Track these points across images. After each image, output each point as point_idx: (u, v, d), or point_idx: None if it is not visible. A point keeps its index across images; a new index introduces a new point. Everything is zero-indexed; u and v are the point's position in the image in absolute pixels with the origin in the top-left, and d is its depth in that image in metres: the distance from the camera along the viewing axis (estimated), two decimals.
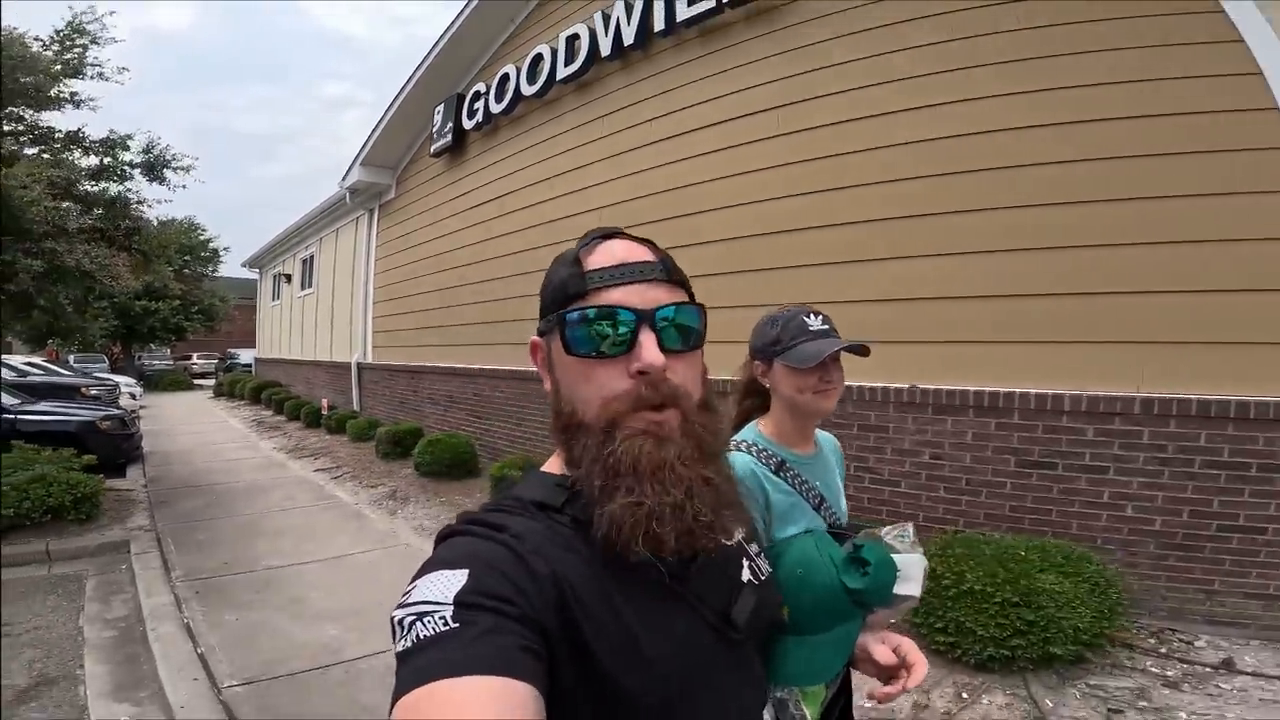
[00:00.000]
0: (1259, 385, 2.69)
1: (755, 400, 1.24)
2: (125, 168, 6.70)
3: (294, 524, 5.11)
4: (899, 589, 0.81)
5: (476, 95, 6.87)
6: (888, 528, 0.88)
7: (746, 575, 0.67)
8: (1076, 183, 3.08)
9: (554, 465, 0.64)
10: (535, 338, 0.64)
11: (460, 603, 0.47)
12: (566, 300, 0.58)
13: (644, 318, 0.57)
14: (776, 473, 1.13)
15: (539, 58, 5.96)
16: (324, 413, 9.56)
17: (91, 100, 6.31)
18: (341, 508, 5.61)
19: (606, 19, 5.23)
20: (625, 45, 5.10)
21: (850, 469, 3.38)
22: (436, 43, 7.20)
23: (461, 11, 6.80)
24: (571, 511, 0.57)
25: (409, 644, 0.46)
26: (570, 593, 0.52)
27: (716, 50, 4.58)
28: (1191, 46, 2.84)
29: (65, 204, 5.62)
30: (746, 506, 0.74)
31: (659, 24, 4.83)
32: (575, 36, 5.60)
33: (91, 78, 6.24)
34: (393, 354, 8.83)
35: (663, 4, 4.79)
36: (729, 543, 0.64)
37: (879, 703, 0.79)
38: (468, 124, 6.97)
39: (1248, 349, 2.73)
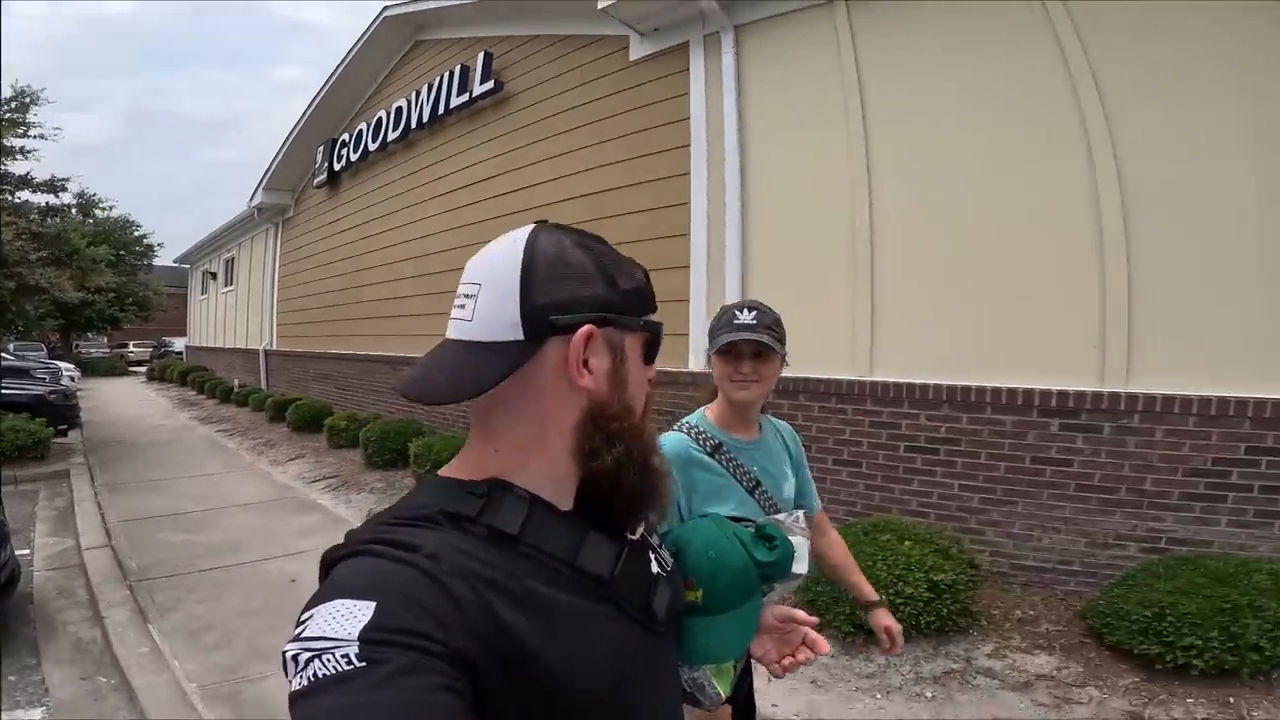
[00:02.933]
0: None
1: (711, 387, 1.39)
2: (66, 208, 9.05)
3: (184, 459, 7.50)
4: (794, 567, 0.93)
5: (343, 143, 9.24)
6: (782, 514, 1.08)
7: (655, 568, 0.67)
8: (650, 223, 5.55)
9: (460, 469, 0.60)
10: (594, 326, 0.57)
11: (367, 640, 0.43)
12: (645, 309, 0.62)
13: None
14: (712, 454, 1.28)
15: (380, 120, 8.35)
16: (234, 390, 11.88)
17: (35, 151, 8.64)
18: (224, 451, 8.02)
19: (418, 94, 7.63)
20: (425, 120, 7.50)
21: None
22: (316, 94, 9.51)
23: (333, 72, 9.13)
24: (487, 521, 0.54)
25: (305, 682, 0.42)
26: (501, 610, 0.49)
27: (473, 129, 7.02)
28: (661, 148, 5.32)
29: (30, 242, 7.99)
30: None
31: (444, 107, 7.24)
32: (400, 108, 8.00)
33: (34, 136, 8.55)
34: (291, 342, 11.18)
35: (445, 92, 7.17)
36: (633, 537, 0.65)
37: (783, 672, 0.83)
38: (337, 166, 9.32)
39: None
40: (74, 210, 9.10)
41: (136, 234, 23.29)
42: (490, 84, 6.62)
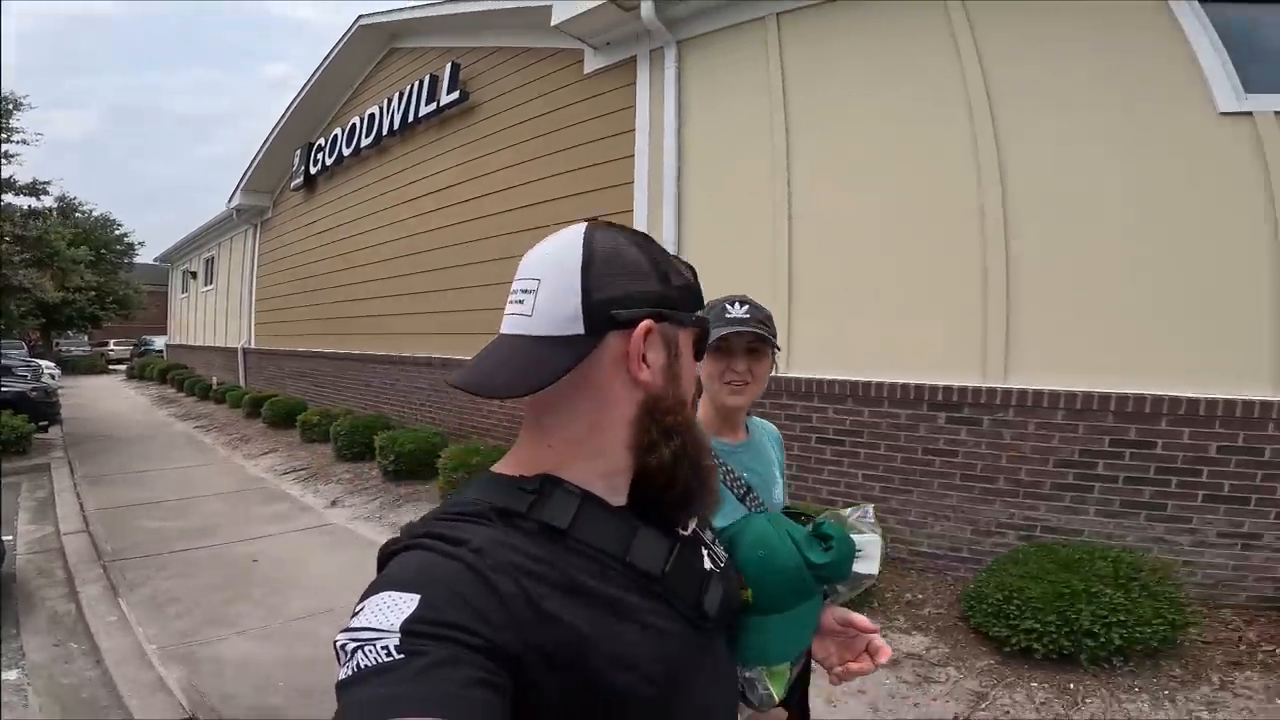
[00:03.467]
0: None
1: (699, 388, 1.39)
2: (48, 210, 9.33)
3: (161, 454, 7.79)
4: (858, 567, 0.86)
5: (319, 147, 9.54)
6: (849, 509, 0.96)
7: (708, 564, 0.67)
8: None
9: (511, 465, 0.61)
10: (653, 322, 0.58)
11: (408, 631, 0.44)
12: (694, 305, 0.64)
13: None
14: None
15: (354, 126, 8.67)
16: (213, 387, 12.15)
17: (17, 155, 8.93)
18: (200, 446, 8.31)
19: (389, 101, 7.96)
20: (396, 127, 7.84)
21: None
22: (294, 99, 9.81)
23: (310, 78, 9.44)
24: (538, 517, 0.55)
25: (349, 673, 0.44)
26: (547, 607, 0.50)
27: (440, 138, 7.36)
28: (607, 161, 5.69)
29: (13, 245, 8.30)
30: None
31: (414, 115, 7.56)
32: (373, 115, 8.33)
33: (16, 141, 8.84)
34: (269, 341, 11.47)
35: (414, 101, 7.50)
36: (685, 533, 0.65)
37: (840, 680, 0.81)
38: (313, 169, 9.63)
39: None
40: (54, 214, 9.33)
41: (117, 233, 23.48)
42: (456, 94, 6.96)
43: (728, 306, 1.23)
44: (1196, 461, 3.11)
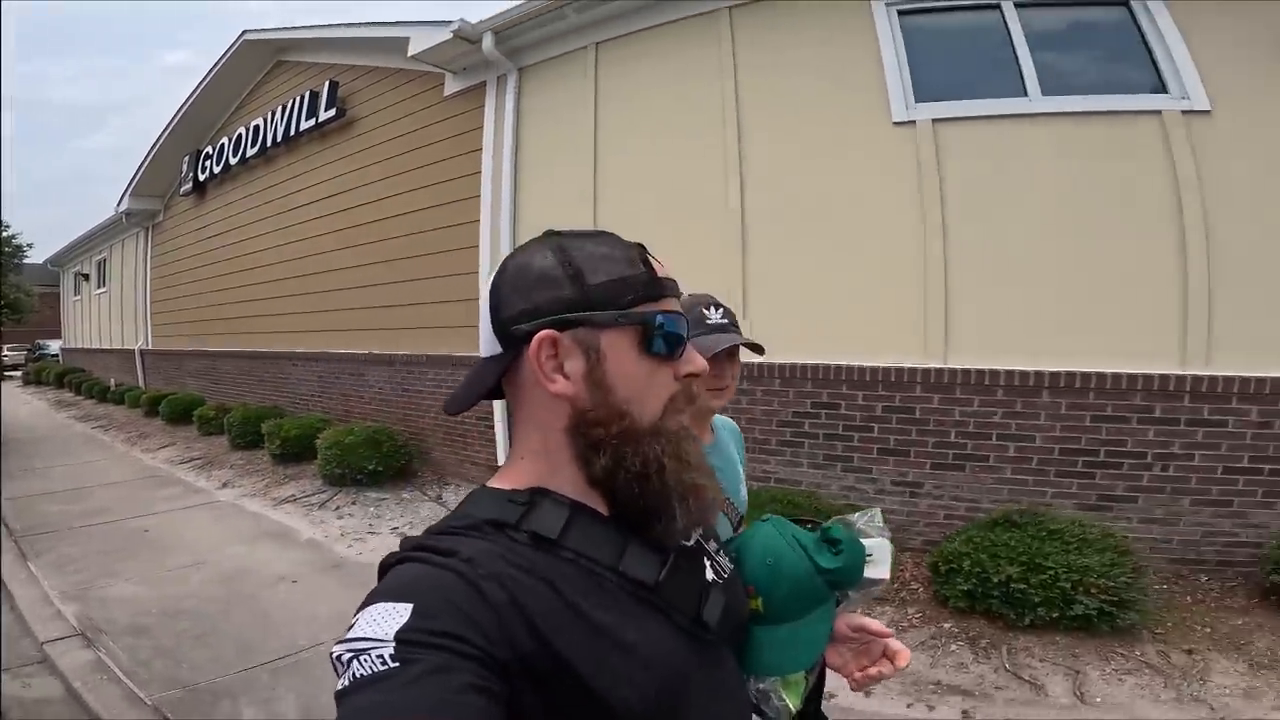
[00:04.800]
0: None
1: None
2: None
3: (61, 452, 8.27)
4: (869, 572, 0.84)
5: (207, 155, 10.02)
6: (857, 514, 0.94)
7: (710, 575, 0.68)
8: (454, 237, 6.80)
9: (506, 479, 0.62)
10: (551, 332, 0.58)
11: (402, 640, 0.46)
12: (635, 300, 0.59)
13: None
14: None
15: (240, 136, 9.24)
16: (111, 389, 12.40)
17: None
18: (100, 443, 8.81)
19: (273, 114, 8.58)
20: (280, 140, 8.49)
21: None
22: (180, 107, 10.20)
23: (196, 88, 9.88)
24: (528, 527, 0.56)
25: (346, 682, 0.45)
26: (537, 616, 0.51)
27: (321, 151, 8.08)
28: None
29: None
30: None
31: (295, 129, 8.23)
32: (258, 127, 8.93)
33: None
34: (166, 342, 11.83)
35: (296, 116, 8.17)
36: (688, 543, 0.66)
37: (859, 686, 0.81)
38: (203, 177, 10.09)
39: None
40: None
41: (5, 234, 22.56)
42: (333, 112, 7.69)
43: (705, 311, 1.25)
44: (869, 420, 4.12)
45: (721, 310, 1.27)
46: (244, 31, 9.06)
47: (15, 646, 3.33)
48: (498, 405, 5.69)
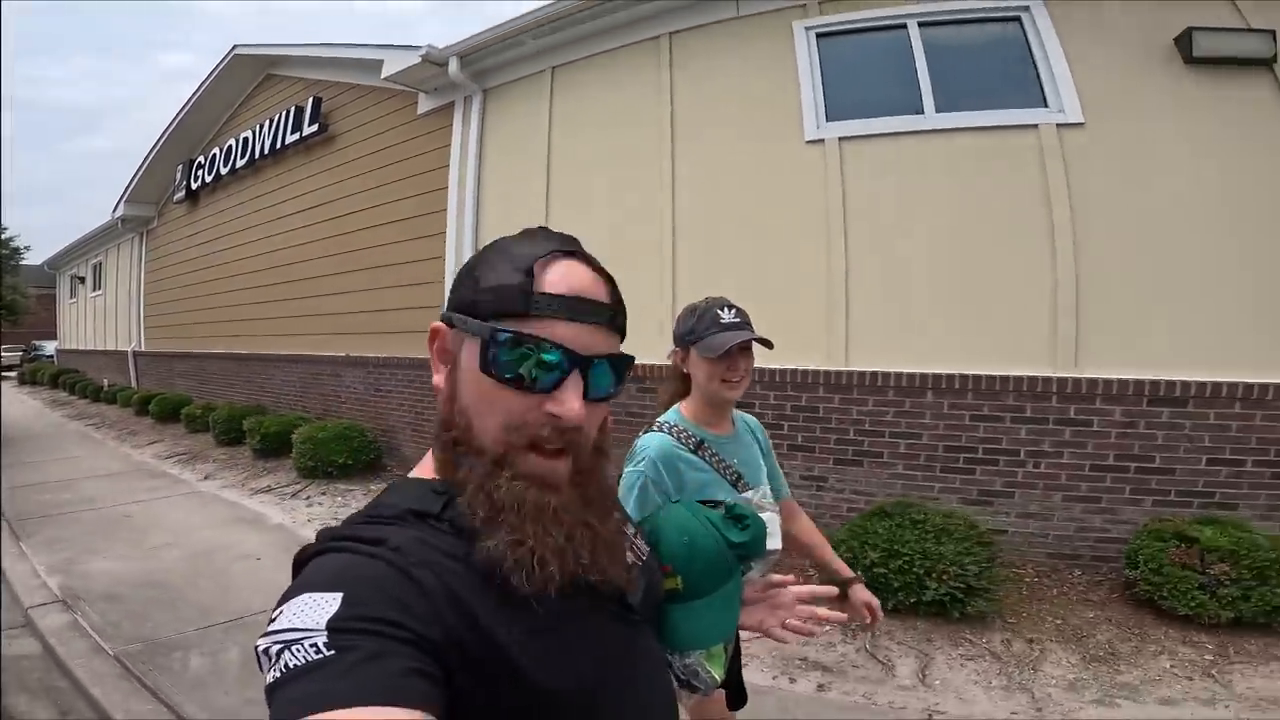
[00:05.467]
0: None
1: (679, 384, 1.45)
2: None
3: (54, 448, 8.72)
4: (768, 544, 0.95)
5: (200, 164, 10.51)
6: (750, 492, 1.10)
7: (630, 558, 0.70)
8: (424, 247, 7.25)
9: (425, 470, 0.64)
10: (439, 324, 0.62)
11: (335, 629, 0.45)
12: (503, 312, 0.57)
13: (579, 364, 0.58)
14: (695, 451, 1.34)
15: (230, 147, 9.72)
16: (104, 389, 12.87)
17: None
18: (91, 440, 9.26)
19: (261, 127, 9.06)
20: (267, 152, 8.96)
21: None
22: (174, 117, 10.70)
23: (189, 99, 10.38)
24: (450, 517, 0.57)
25: (277, 674, 0.45)
26: (467, 604, 0.52)
27: (306, 163, 8.55)
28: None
29: None
30: (624, 539, 0.71)
31: (281, 143, 8.71)
32: (247, 139, 9.41)
33: None
34: (158, 344, 12.30)
35: (282, 130, 8.65)
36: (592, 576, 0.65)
37: (783, 638, 0.88)
38: (195, 185, 10.58)
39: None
40: None
41: (3, 237, 23.14)
42: (316, 127, 8.16)
43: (719, 312, 1.35)
44: (780, 418, 4.48)
45: (734, 310, 1.38)
46: (235, 46, 9.54)
47: (8, 614, 3.76)
48: None
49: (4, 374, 23.32)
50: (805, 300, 4.53)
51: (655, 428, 1.40)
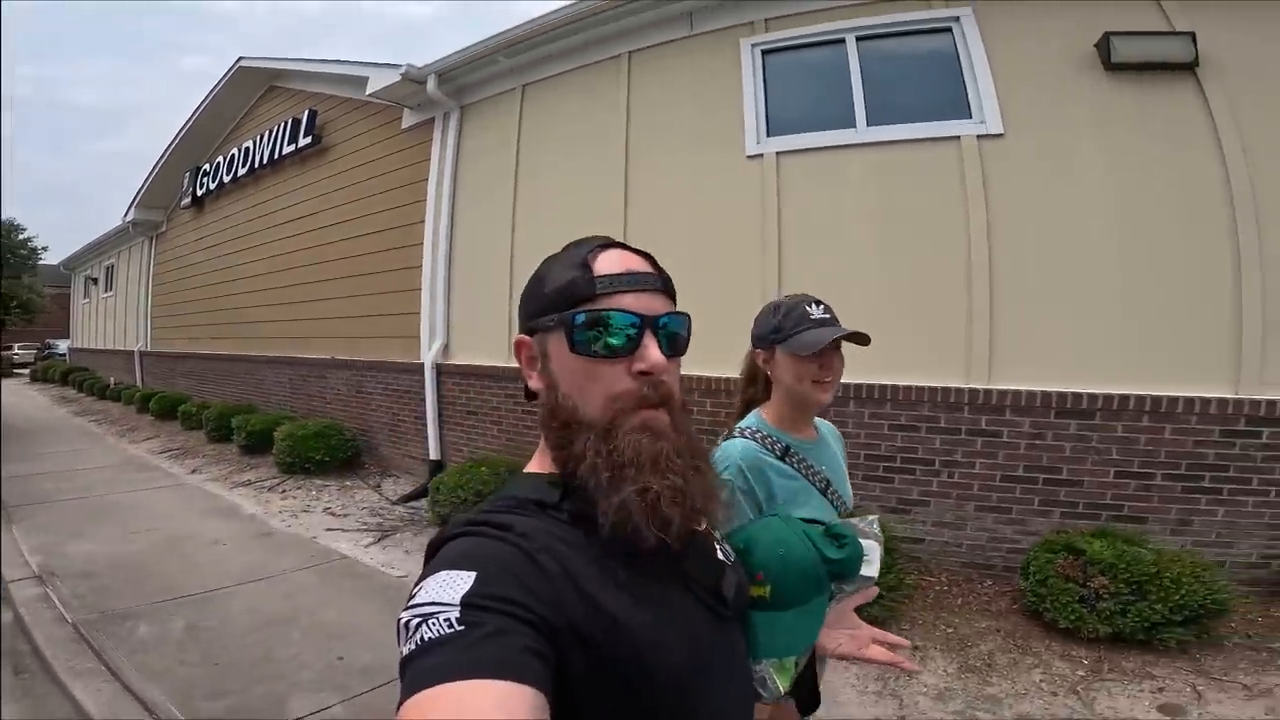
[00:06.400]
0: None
1: (756, 388, 1.42)
2: None
3: (57, 441, 9.22)
4: (863, 570, 0.95)
5: (205, 172, 11.02)
6: (857, 518, 1.07)
7: (721, 557, 0.77)
8: (404, 256, 7.62)
9: (538, 465, 0.71)
10: (524, 336, 0.71)
11: (467, 604, 0.51)
12: (574, 301, 0.66)
13: (648, 323, 0.67)
14: (782, 458, 1.29)
15: (233, 157, 10.21)
16: (109, 387, 13.42)
17: None
18: (92, 435, 9.75)
19: (261, 138, 9.53)
20: (266, 162, 9.43)
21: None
22: (183, 126, 11.23)
23: (196, 109, 10.90)
24: (569, 507, 0.64)
25: (413, 646, 0.50)
26: (586, 587, 0.58)
27: (301, 173, 9.00)
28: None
29: None
30: (724, 496, 0.78)
31: (279, 154, 9.16)
32: (249, 149, 9.89)
33: None
34: (163, 344, 12.84)
35: (280, 141, 9.10)
36: (700, 528, 0.73)
37: (858, 659, 0.93)
38: (200, 192, 11.09)
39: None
40: None
41: (21, 237, 24.07)
42: (310, 139, 8.60)
43: (808, 308, 1.30)
44: (718, 425, 4.58)
45: (823, 306, 1.32)
46: (240, 58, 10.05)
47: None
48: (429, 406, 6.50)
49: (16, 371, 24.25)
50: (742, 308, 4.62)
51: (737, 434, 1.34)
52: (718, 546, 0.79)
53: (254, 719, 2.55)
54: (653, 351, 0.66)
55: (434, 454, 6.51)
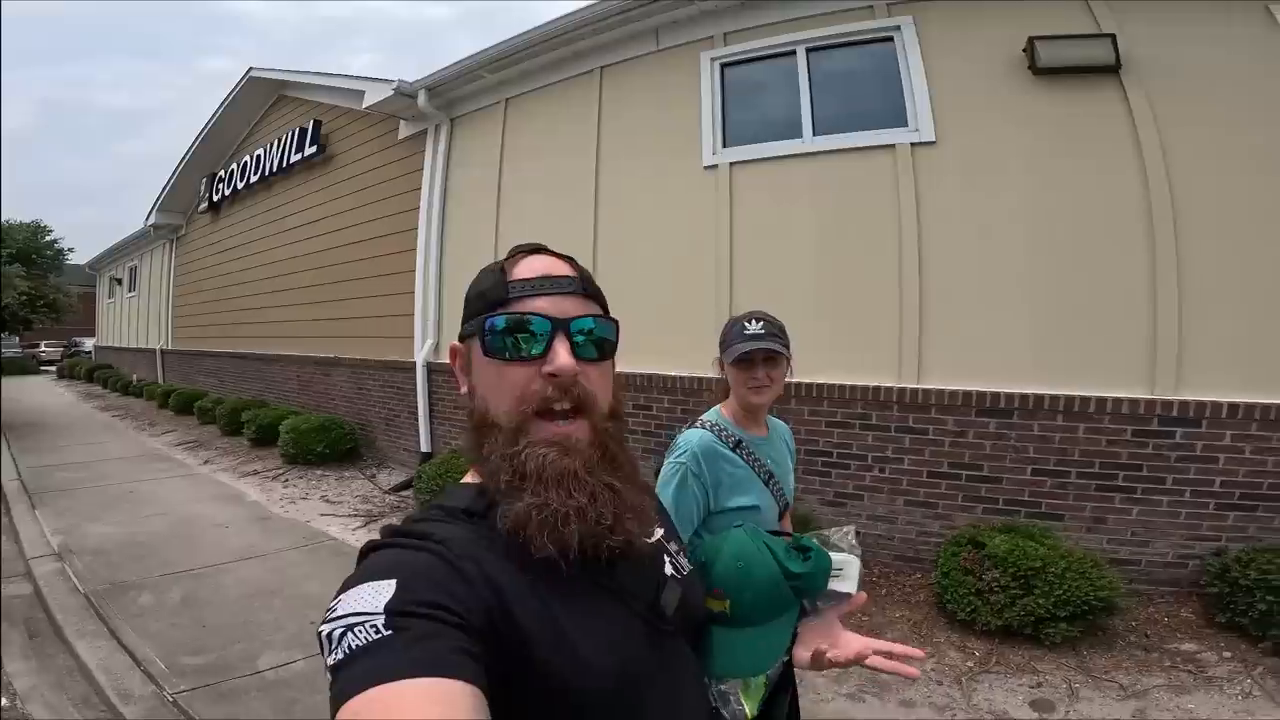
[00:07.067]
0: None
1: (722, 388, 1.60)
2: None
3: (80, 434, 9.87)
4: (836, 585, 0.91)
5: (220, 178, 11.61)
6: (832, 529, 1.03)
7: (669, 569, 0.77)
8: (400, 261, 8.09)
9: (474, 476, 0.72)
10: (455, 343, 0.72)
11: (391, 611, 0.51)
12: (489, 307, 0.68)
13: (559, 326, 0.67)
14: (734, 449, 1.47)
15: (245, 164, 10.77)
16: (132, 384, 14.15)
17: None
18: (114, 429, 10.41)
19: (270, 146, 10.07)
20: (275, 170, 9.96)
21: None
22: (199, 134, 11.83)
23: (211, 118, 11.48)
24: (494, 515, 0.64)
25: (340, 655, 0.49)
26: (505, 594, 0.58)
27: (308, 180, 9.51)
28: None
29: None
30: (654, 509, 0.78)
31: (287, 162, 9.69)
32: (259, 156, 10.44)
33: None
34: (184, 343, 13.53)
35: (287, 150, 9.62)
36: (649, 540, 0.73)
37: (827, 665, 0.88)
38: (216, 197, 11.68)
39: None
40: None
41: (48, 239, 25.15)
42: (315, 148, 9.11)
43: (745, 324, 1.49)
44: (673, 420, 5.05)
45: (762, 323, 1.49)
46: (250, 69, 10.58)
47: (13, 565, 4.66)
48: (420, 402, 6.96)
49: (44, 368, 25.40)
50: (697, 310, 5.04)
51: (698, 425, 1.54)
52: (668, 559, 0.78)
53: (226, 670, 3.00)
54: (562, 354, 0.66)
55: (425, 447, 6.97)
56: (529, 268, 0.71)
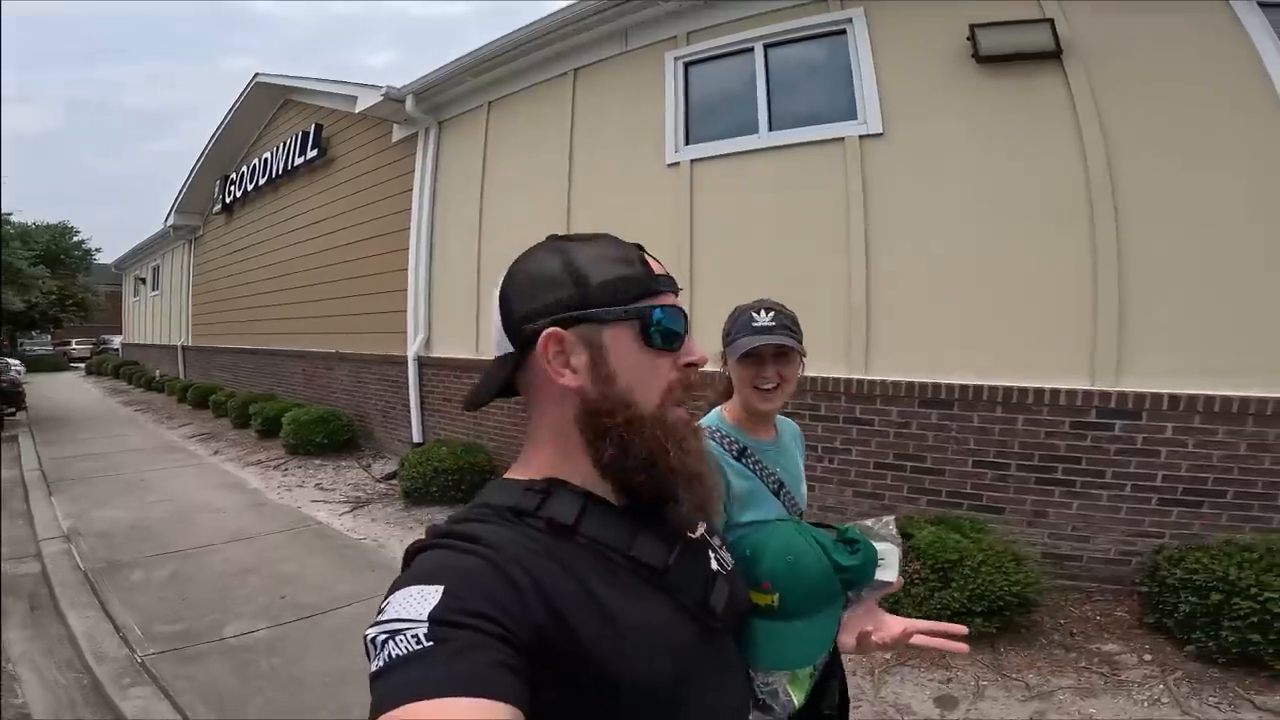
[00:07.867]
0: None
1: (724, 388, 1.44)
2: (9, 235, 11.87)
3: (102, 427, 10.45)
4: (880, 575, 0.92)
5: (232, 181, 12.09)
6: (872, 519, 1.06)
7: (714, 565, 0.75)
8: (394, 260, 8.43)
9: (519, 471, 0.69)
10: (558, 329, 0.65)
11: (435, 620, 0.50)
12: (637, 296, 0.67)
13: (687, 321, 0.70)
14: (738, 458, 1.30)
15: (254, 167, 11.22)
16: (155, 379, 14.80)
17: None
18: (135, 422, 10.98)
19: (276, 150, 10.49)
20: (281, 173, 10.38)
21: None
22: (211, 137, 12.30)
23: (222, 122, 11.94)
24: (546, 515, 0.63)
25: (381, 663, 0.49)
26: (554, 596, 0.56)
27: (311, 182, 9.91)
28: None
29: None
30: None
31: (291, 165, 10.09)
32: (266, 159, 10.87)
33: None
34: (202, 340, 14.12)
35: (291, 153, 10.03)
36: (694, 535, 0.73)
37: (882, 642, 0.88)
38: (228, 199, 12.17)
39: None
40: (16, 240, 11.88)
41: (75, 239, 26.24)
42: (316, 152, 9.49)
43: (754, 314, 1.35)
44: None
45: (772, 314, 1.33)
46: (256, 74, 10.97)
47: (25, 546, 5.09)
48: (412, 394, 7.30)
49: (73, 365, 26.60)
50: None
51: None
52: (712, 554, 0.77)
53: (194, 637, 3.34)
54: (699, 345, 0.71)
55: (416, 437, 7.32)
56: (656, 264, 0.71)
